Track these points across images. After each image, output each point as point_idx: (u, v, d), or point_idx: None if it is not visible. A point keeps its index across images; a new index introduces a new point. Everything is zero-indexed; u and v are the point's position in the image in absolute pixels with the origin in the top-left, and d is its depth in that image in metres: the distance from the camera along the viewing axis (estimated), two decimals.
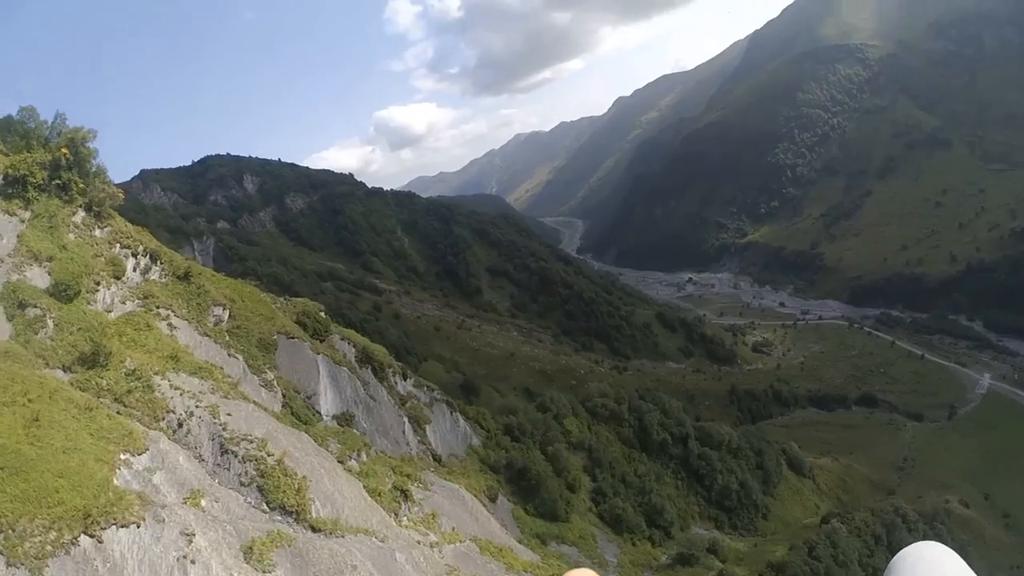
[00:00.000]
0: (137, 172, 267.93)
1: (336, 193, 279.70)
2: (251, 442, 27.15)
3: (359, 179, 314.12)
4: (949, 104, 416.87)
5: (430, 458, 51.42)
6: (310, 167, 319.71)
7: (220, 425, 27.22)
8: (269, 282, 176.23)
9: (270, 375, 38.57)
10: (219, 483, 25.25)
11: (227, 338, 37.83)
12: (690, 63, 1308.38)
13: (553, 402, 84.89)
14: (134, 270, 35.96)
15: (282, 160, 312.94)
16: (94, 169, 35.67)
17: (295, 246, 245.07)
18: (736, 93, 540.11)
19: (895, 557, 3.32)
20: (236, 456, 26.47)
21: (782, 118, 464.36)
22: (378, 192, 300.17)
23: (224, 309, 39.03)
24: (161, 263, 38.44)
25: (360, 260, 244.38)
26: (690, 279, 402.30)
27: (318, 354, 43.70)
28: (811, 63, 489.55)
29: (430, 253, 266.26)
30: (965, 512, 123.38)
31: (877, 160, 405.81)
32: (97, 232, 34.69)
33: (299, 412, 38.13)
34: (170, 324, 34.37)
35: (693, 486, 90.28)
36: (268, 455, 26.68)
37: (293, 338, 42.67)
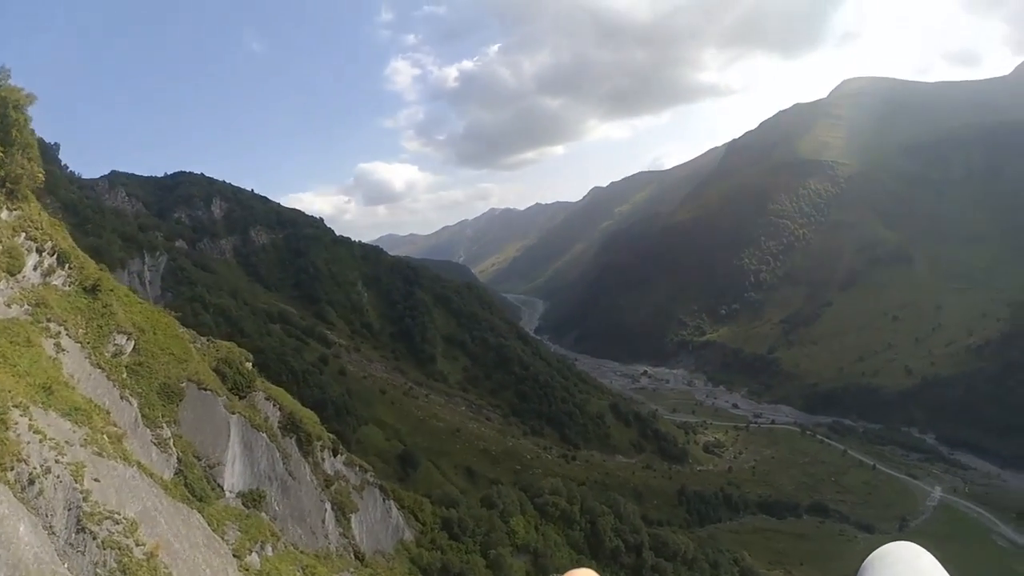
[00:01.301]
0: (108, 172, 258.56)
1: (302, 234, 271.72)
2: (117, 523, 20.18)
3: (331, 226, 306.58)
4: (914, 222, 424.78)
5: (351, 555, 43.23)
6: (282, 205, 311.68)
7: (81, 493, 20.15)
8: (215, 313, 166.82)
9: (167, 432, 30.88)
10: (68, 569, 18.05)
11: (124, 375, 30.21)
12: (667, 163, 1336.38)
13: (500, 498, 75.96)
14: (34, 269, 29.18)
15: (255, 192, 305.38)
16: (22, 140, 28.51)
17: (251, 281, 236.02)
18: (709, 196, 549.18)
19: (870, 556, 3.36)
20: (95, 539, 19.38)
21: (751, 224, 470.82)
22: (345, 241, 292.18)
23: (129, 339, 31.44)
24: (69, 268, 31.16)
25: (315, 307, 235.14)
26: (645, 372, 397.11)
27: (233, 413, 36.26)
28: (784, 175, 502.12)
29: (388, 312, 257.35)
30: None
31: (840, 272, 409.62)
32: (3, 214, 27.23)
33: (195, 484, 30.32)
34: (58, 345, 27.56)
35: None
36: (137, 544, 19.89)
37: (205, 389, 35.28)
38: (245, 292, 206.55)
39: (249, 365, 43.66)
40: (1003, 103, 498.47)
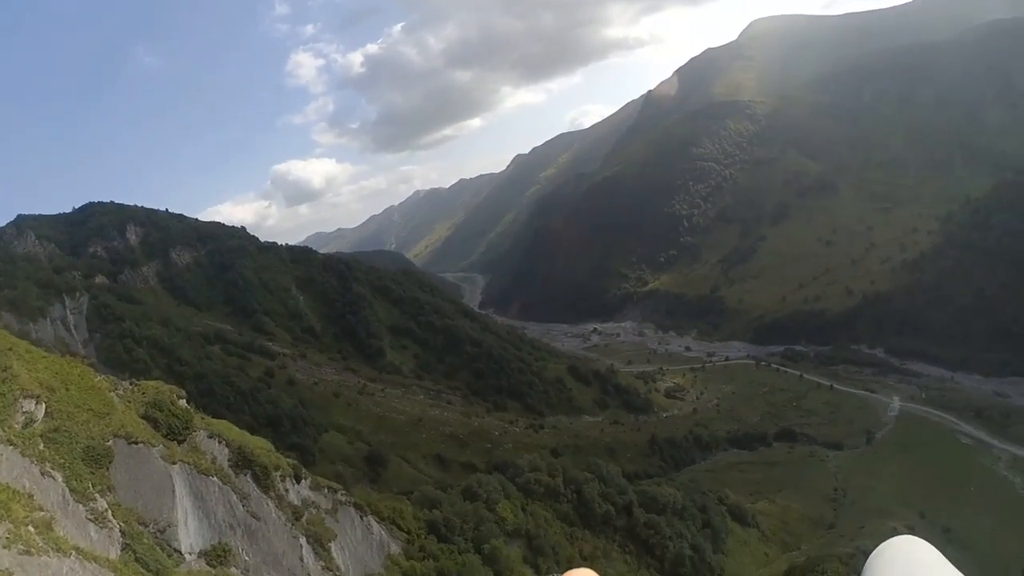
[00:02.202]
0: (14, 217, 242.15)
1: (226, 247, 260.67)
2: None
3: (254, 234, 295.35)
4: (834, 152, 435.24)
5: None
6: (201, 220, 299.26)
7: None
8: (148, 346, 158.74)
9: (102, 502, 26.13)
10: None
11: (41, 447, 25.39)
12: (587, 122, 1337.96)
13: (482, 486, 71.71)
14: None
15: (170, 211, 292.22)
16: None
17: (180, 305, 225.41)
18: (632, 149, 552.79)
19: (874, 552, 3.36)
20: None
21: (677, 171, 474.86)
22: (272, 247, 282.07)
23: (38, 402, 26.52)
24: None
25: (251, 320, 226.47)
26: (595, 329, 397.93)
27: (173, 463, 31.47)
28: (703, 119, 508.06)
29: (327, 312, 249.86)
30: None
31: (769, 207, 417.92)
32: None
33: (147, 557, 25.65)
34: None
35: (644, 558, 79.85)
36: None
37: (136, 443, 30.20)
38: (176, 318, 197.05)
39: (183, 402, 38.16)
40: (909, 28, 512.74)
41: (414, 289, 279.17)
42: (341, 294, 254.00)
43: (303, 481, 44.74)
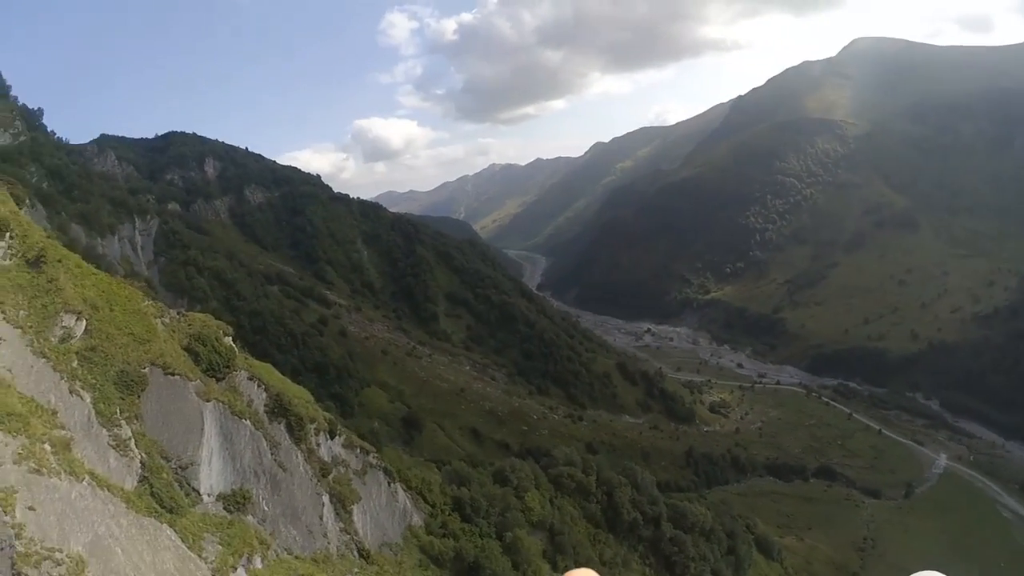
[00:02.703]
0: (97, 136, 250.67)
1: (299, 192, 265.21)
2: (59, 563, 15.55)
3: (329, 185, 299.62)
4: (921, 187, 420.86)
5: (354, 553, 37.97)
6: (278, 163, 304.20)
7: (13, 528, 15.26)
8: (209, 277, 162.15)
9: (127, 430, 25.65)
10: None
11: (75, 364, 25.06)
12: (671, 119, 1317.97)
13: (514, 472, 70.80)
14: None
15: (249, 150, 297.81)
16: None
17: (247, 242, 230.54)
18: (714, 153, 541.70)
19: None
20: None
21: (757, 182, 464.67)
22: (343, 198, 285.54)
23: (79, 319, 26.13)
24: (10, 237, 25.85)
25: (313, 267, 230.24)
26: (649, 330, 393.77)
27: (207, 401, 30.96)
28: (791, 133, 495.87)
29: (389, 270, 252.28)
30: None
31: (846, 233, 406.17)
32: None
33: (163, 492, 25.02)
34: None
35: (662, 573, 78.27)
36: None
37: (173, 374, 29.80)
38: (241, 253, 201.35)
39: (228, 340, 37.73)
40: (1013, 71, 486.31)
41: (477, 261, 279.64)
42: (405, 254, 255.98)
43: (337, 438, 44.10)
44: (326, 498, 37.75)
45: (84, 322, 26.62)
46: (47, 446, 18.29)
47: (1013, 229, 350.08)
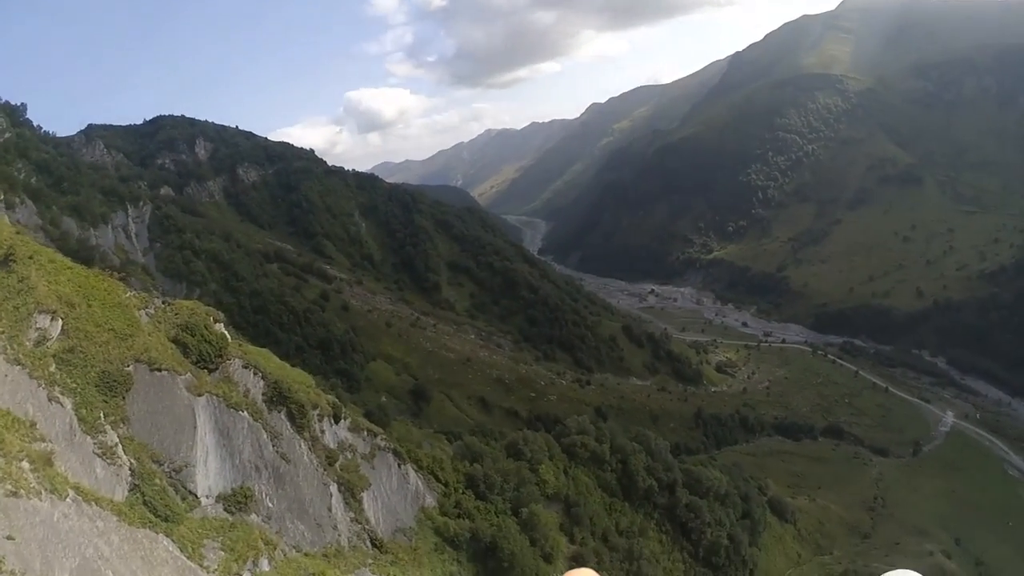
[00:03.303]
0: (84, 127, 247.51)
1: (293, 168, 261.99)
2: None
3: (323, 159, 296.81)
4: (924, 143, 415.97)
5: (367, 543, 36.32)
6: (270, 140, 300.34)
7: None
8: (207, 259, 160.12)
9: (112, 436, 23.77)
10: None
11: (52, 368, 23.14)
12: (666, 78, 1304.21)
13: (527, 444, 69.07)
14: None
15: (240, 129, 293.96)
16: None
17: (243, 221, 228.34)
18: (713, 111, 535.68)
19: None
20: None
21: (757, 140, 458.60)
22: (338, 171, 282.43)
23: (54, 319, 24.18)
24: None
25: (312, 243, 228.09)
26: (652, 291, 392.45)
27: (199, 395, 29.19)
28: (791, 89, 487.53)
29: (388, 242, 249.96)
30: (952, 568, 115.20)
31: (849, 190, 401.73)
32: None
33: (155, 500, 23.19)
34: None
35: (679, 540, 77.19)
36: None
37: (159, 370, 28.03)
38: (238, 233, 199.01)
39: (219, 327, 35.94)
40: (1017, 26, 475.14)
41: (477, 228, 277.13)
42: (403, 225, 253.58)
43: (342, 422, 42.20)
44: (334, 488, 36.06)
45: (60, 322, 24.71)
46: (25, 463, 16.53)
47: (1018, 185, 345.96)
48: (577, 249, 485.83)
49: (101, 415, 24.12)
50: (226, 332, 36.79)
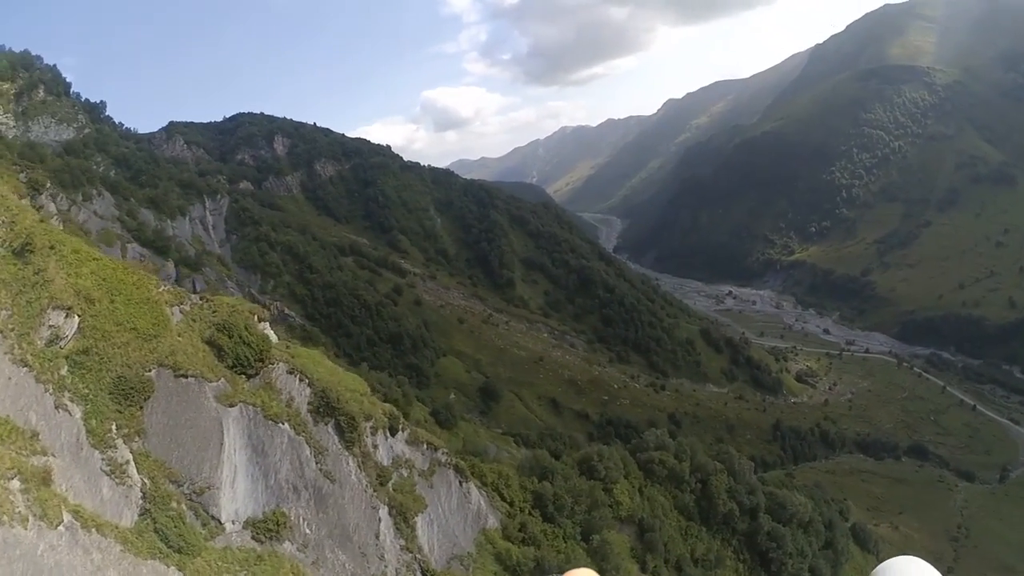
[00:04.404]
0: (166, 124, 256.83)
1: (369, 163, 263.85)
2: None
3: (401, 155, 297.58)
4: (1016, 139, 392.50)
5: (417, 574, 33.52)
6: (347, 136, 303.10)
7: None
8: (282, 251, 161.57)
9: (125, 451, 21.45)
10: None
11: (63, 372, 21.00)
12: (745, 72, 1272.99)
13: (602, 461, 64.71)
14: None
15: (317, 125, 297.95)
16: None
17: (320, 215, 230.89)
18: (795, 105, 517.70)
19: (875, 570, 3.46)
20: None
21: (841, 135, 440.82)
22: (414, 167, 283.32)
23: (69, 316, 22.03)
24: None
25: (387, 237, 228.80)
26: (730, 292, 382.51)
27: (231, 406, 26.53)
28: (876, 81, 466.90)
29: (463, 237, 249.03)
30: None
31: (939, 190, 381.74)
32: None
33: (167, 528, 20.91)
34: None
35: (757, 571, 72.12)
36: None
37: (185, 376, 25.51)
38: (314, 227, 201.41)
39: (263, 326, 32.91)
40: None
41: (552, 224, 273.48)
42: (478, 220, 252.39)
43: (399, 434, 39.04)
44: (384, 511, 32.97)
45: (76, 319, 22.56)
46: (16, 483, 14.30)
47: None
48: (653, 247, 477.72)
49: (113, 427, 21.93)
50: (271, 332, 33.91)
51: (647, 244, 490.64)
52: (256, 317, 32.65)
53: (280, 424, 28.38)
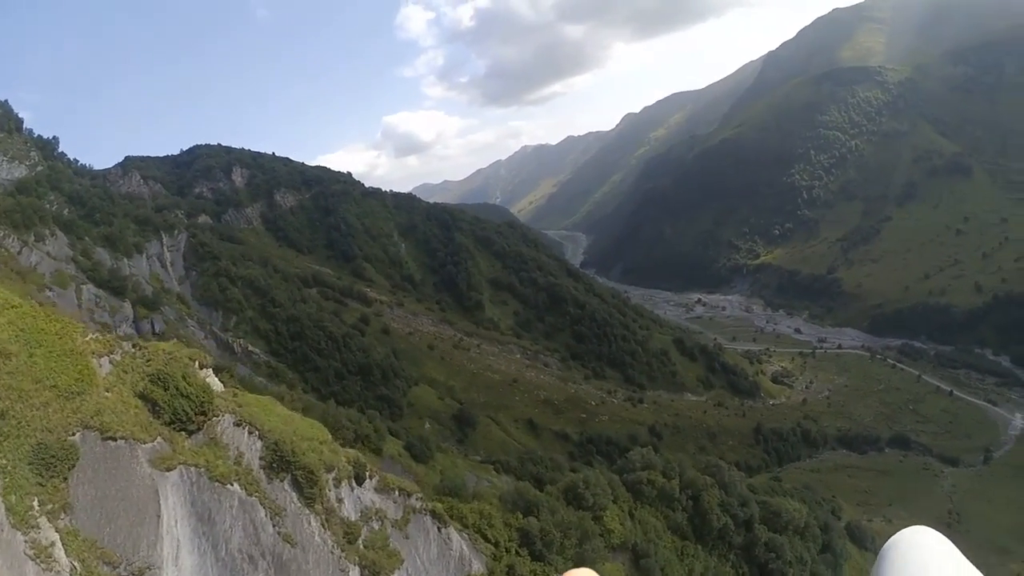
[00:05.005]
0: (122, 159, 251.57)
1: (330, 192, 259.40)
2: None
3: (363, 182, 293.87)
4: (969, 131, 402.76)
5: None
6: (306, 164, 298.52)
7: None
8: (243, 286, 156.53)
9: (50, 530, 18.01)
10: None
11: None
12: (701, 83, 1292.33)
13: (588, 488, 60.49)
14: None
15: (276, 155, 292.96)
16: None
17: (281, 246, 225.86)
18: (751, 112, 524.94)
19: (887, 543, 3.57)
20: None
21: (799, 138, 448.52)
22: (375, 193, 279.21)
23: None
24: None
25: (351, 266, 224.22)
26: (699, 300, 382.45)
27: (169, 469, 22.95)
28: (829, 84, 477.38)
29: (428, 261, 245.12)
30: None
31: (896, 185, 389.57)
32: None
33: None
34: None
35: None
36: None
37: (113, 439, 21.93)
38: (276, 258, 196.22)
39: (205, 374, 29.10)
40: None
41: (518, 243, 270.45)
42: (443, 243, 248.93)
43: (367, 482, 35.09)
44: (355, 573, 29.25)
45: None
46: None
47: None
48: (619, 261, 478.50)
49: (35, 503, 18.49)
50: (214, 380, 29.86)
51: (613, 258, 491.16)
52: (197, 364, 28.66)
53: (228, 485, 24.48)
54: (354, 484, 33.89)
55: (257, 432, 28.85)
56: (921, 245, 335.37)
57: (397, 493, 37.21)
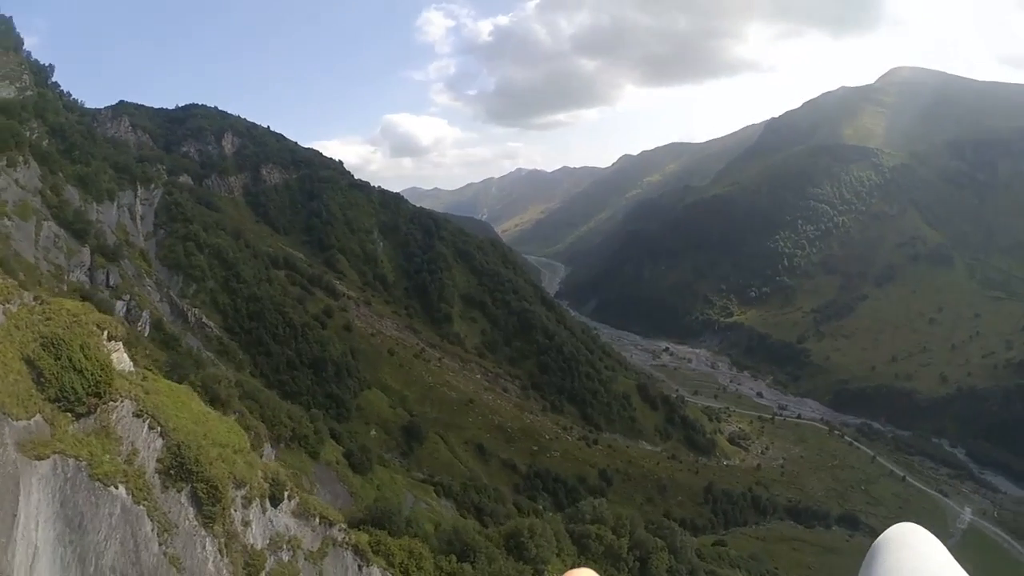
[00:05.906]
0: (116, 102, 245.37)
1: (318, 176, 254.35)
2: None
3: (350, 172, 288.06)
4: (956, 223, 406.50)
5: None
6: (299, 144, 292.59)
7: None
8: (209, 255, 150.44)
9: None
10: None
11: None
12: (701, 136, 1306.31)
13: (533, 538, 55.25)
14: None
15: (272, 129, 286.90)
16: None
17: (258, 222, 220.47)
18: (746, 172, 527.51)
19: (877, 540, 3.57)
20: None
21: (788, 206, 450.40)
22: (362, 186, 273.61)
23: None
24: None
25: (325, 255, 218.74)
26: (667, 348, 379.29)
27: (39, 458, 17.85)
28: (826, 158, 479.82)
29: (404, 265, 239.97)
30: None
31: (877, 265, 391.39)
32: None
33: None
34: None
35: None
36: None
37: None
38: (249, 233, 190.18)
39: (111, 347, 23.66)
40: None
41: (497, 262, 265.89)
42: (423, 249, 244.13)
43: (284, 504, 29.43)
44: None
45: None
46: None
47: None
48: (594, 297, 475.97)
49: None
50: (123, 356, 24.49)
51: (588, 293, 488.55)
52: (106, 334, 23.41)
53: (112, 488, 19.31)
54: (267, 505, 28.59)
55: (160, 428, 23.60)
56: (894, 328, 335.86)
57: (318, 520, 31.79)
